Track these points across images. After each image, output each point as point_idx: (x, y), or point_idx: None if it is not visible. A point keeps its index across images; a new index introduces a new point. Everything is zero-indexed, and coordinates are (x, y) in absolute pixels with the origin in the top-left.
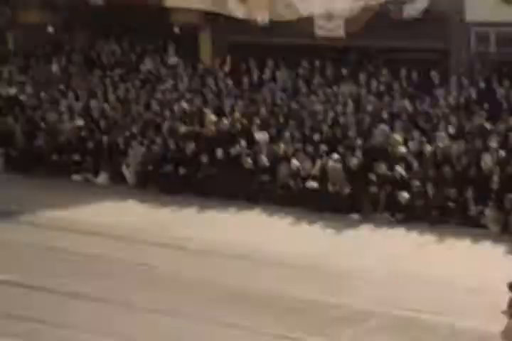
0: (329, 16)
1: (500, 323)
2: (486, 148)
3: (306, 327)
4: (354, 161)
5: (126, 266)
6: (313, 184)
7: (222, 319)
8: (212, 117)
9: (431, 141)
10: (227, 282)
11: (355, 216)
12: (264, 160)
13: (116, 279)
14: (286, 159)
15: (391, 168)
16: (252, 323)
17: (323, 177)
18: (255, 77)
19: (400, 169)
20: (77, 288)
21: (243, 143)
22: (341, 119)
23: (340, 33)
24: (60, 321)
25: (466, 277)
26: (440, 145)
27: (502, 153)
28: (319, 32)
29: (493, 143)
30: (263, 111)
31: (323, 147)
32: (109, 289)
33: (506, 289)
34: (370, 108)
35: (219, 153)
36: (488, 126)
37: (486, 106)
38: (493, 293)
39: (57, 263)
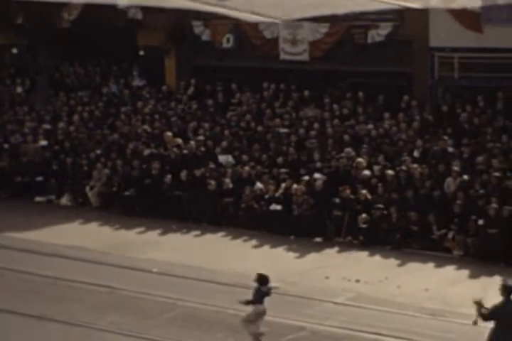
0: (294, 40)
1: None
2: (449, 172)
3: None
4: (318, 184)
5: (90, 288)
6: (276, 207)
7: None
8: (176, 140)
9: (395, 164)
10: (190, 304)
11: (319, 239)
12: (228, 182)
13: (80, 301)
14: (250, 182)
15: (355, 192)
16: None
17: (287, 199)
18: (220, 99)
19: (363, 192)
20: (40, 311)
21: (207, 165)
22: (305, 142)
23: (305, 57)
24: None
25: (430, 300)
26: (404, 168)
27: (465, 177)
28: (284, 56)
29: (456, 167)
30: (227, 133)
31: (287, 170)
32: (72, 311)
33: (469, 313)
34: (333, 131)
35: (183, 175)
36: (451, 150)
37: (449, 130)
38: (457, 317)
39: (20, 284)
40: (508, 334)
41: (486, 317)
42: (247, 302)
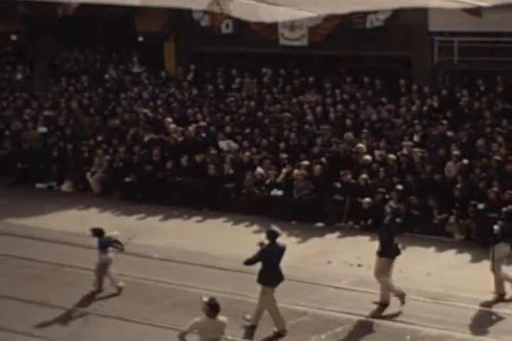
0: (293, 26)
1: (463, 330)
2: (450, 156)
3: (271, 334)
4: (317, 169)
5: (91, 274)
6: (277, 192)
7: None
8: (175, 126)
9: (395, 149)
10: (192, 290)
11: (320, 224)
12: (229, 168)
13: (83, 288)
14: (251, 167)
15: (356, 176)
16: None
17: (287, 185)
18: (220, 85)
19: (364, 177)
20: (42, 297)
21: (208, 151)
22: (306, 127)
23: (304, 42)
24: (27, 330)
25: (431, 284)
26: (404, 153)
27: (465, 161)
28: (283, 41)
29: (456, 152)
30: (228, 119)
31: (288, 155)
32: (75, 297)
33: (470, 297)
34: (335, 117)
35: (184, 160)
36: (450, 134)
37: (448, 114)
38: (458, 301)
39: (21, 271)
40: (272, 272)
41: (251, 260)
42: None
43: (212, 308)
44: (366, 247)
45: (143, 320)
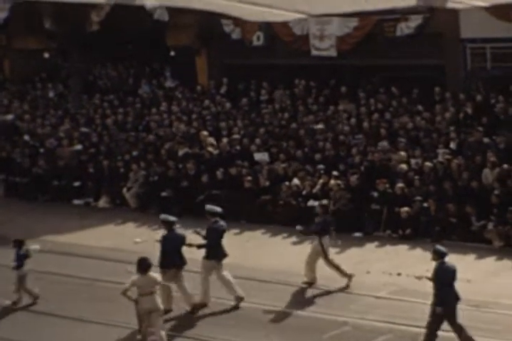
0: (322, 36)
1: (508, 337)
2: (486, 163)
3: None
4: (353, 180)
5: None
6: (314, 203)
7: (228, 338)
8: (211, 139)
9: (431, 156)
10: (231, 303)
11: (358, 234)
12: (264, 180)
13: (117, 302)
14: (287, 178)
15: (392, 186)
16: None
17: (324, 195)
18: (253, 97)
19: (400, 186)
20: (79, 313)
21: (243, 163)
22: (341, 138)
23: (332, 52)
24: None
25: (472, 292)
26: (440, 160)
27: (503, 167)
28: (314, 52)
29: (492, 158)
30: (262, 131)
31: (324, 166)
32: (112, 313)
33: (509, 303)
34: (368, 126)
35: (219, 173)
36: (486, 140)
37: (484, 121)
38: (500, 308)
39: (60, 287)
40: (171, 257)
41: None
42: (16, 267)
43: (140, 266)
44: (405, 256)
45: (181, 334)
